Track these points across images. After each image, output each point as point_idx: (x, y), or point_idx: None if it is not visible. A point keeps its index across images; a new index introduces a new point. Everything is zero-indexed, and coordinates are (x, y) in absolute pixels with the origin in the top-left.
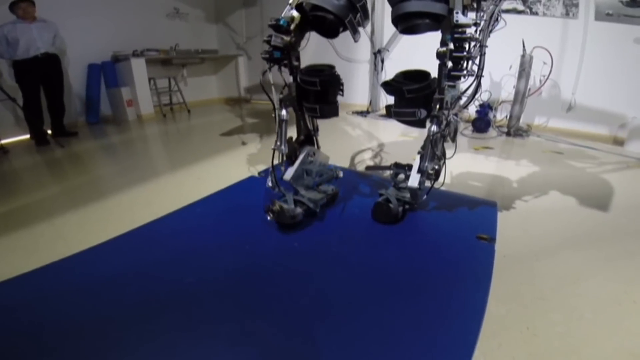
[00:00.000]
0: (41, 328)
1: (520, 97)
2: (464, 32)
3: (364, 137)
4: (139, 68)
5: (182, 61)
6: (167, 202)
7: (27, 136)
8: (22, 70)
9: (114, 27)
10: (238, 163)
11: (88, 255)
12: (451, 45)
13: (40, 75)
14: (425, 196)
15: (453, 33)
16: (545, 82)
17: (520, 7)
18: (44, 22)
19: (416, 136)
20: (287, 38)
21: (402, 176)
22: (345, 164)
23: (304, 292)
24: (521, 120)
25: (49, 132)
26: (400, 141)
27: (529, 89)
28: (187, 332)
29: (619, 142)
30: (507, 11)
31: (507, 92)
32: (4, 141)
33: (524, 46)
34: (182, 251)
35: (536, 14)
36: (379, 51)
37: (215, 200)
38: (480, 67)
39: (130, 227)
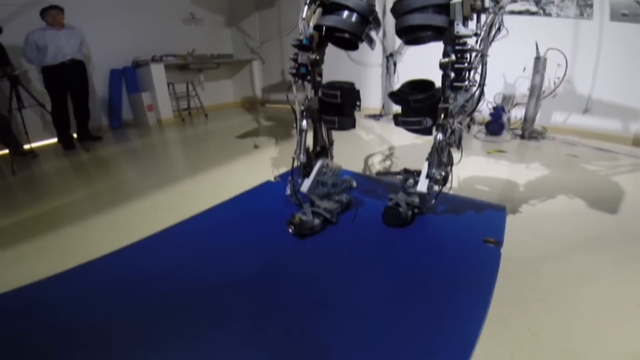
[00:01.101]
0: (77, 324)
1: (534, 99)
2: (465, 44)
3: (377, 140)
4: (158, 73)
5: (199, 66)
6: (189, 205)
7: (55, 140)
8: (51, 76)
9: (133, 33)
10: (254, 167)
11: (117, 257)
12: (453, 57)
13: (67, 81)
14: (433, 200)
15: (454, 45)
16: (560, 83)
17: (534, 8)
18: (71, 29)
19: (428, 139)
20: (312, 55)
21: (411, 181)
22: (358, 167)
23: (316, 291)
24: (536, 123)
25: (75, 136)
26: (412, 145)
27: (544, 91)
28: (211, 329)
29: (638, 143)
30: (520, 12)
31: (522, 94)
32: (33, 145)
33: (537, 48)
34: (205, 253)
35: (549, 15)
36: (391, 54)
37: (234, 204)
38: (483, 77)
39: (155, 230)
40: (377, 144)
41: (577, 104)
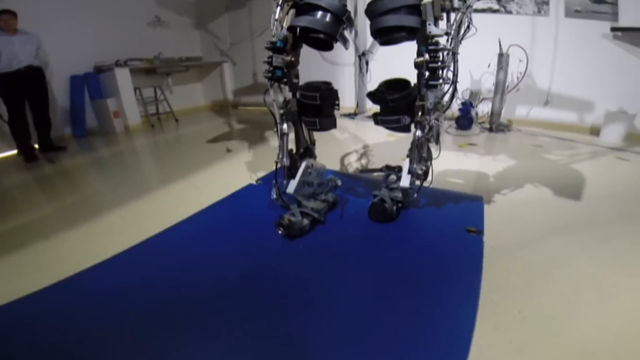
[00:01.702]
0: (59, 342)
1: (499, 94)
2: (437, 44)
3: (353, 139)
4: (123, 78)
5: (166, 70)
6: (169, 213)
7: (15, 152)
8: (6, 84)
9: (94, 37)
10: (232, 171)
11: (98, 270)
12: (427, 56)
13: (25, 89)
14: (415, 195)
15: (427, 44)
16: (522, 78)
17: (495, 6)
18: (26, 35)
19: (401, 136)
20: (287, 58)
21: (393, 177)
22: (336, 165)
23: (311, 290)
24: (502, 116)
25: (37, 147)
26: (387, 141)
27: (508, 86)
28: (204, 335)
29: (595, 132)
30: (483, 10)
31: (487, 89)
32: None
33: (500, 45)
34: (191, 260)
35: (510, 12)
36: (363, 54)
37: (218, 208)
38: (455, 74)
39: (135, 241)
40: (354, 142)
41: (539, 97)
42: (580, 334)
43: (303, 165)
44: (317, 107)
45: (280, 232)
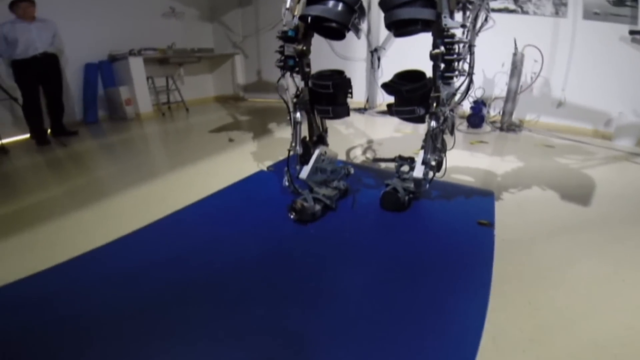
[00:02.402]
0: (80, 317)
1: (512, 94)
2: (453, 36)
3: (362, 133)
4: (137, 67)
5: (179, 60)
6: (181, 196)
7: (27, 136)
8: (21, 70)
9: (109, 27)
10: (244, 159)
11: (111, 249)
12: (442, 48)
13: (39, 75)
14: (427, 186)
15: (443, 37)
16: (536, 79)
17: (512, 6)
18: (43, 22)
19: (408, 132)
20: (298, 47)
21: (405, 167)
22: (344, 157)
23: (321, 273)
24: (513, 116)
25: (49, 131)
26: (395, 137)
27: (521, 86)
28: (221, 315)
29: (608, 136)
30: (499, 10)
31: (500, 89)
32: (4, 141)
33: (515, 45)
34: (206, 240)
35: (527, 13)
36: (376, 50)
37: (231, 192)
38: (471, 66)
39: (148, 221)
40: (363, 137)
41: (552, 99)
42: (591, 327)
43: (316, 152)
44: (330, 95)
45: (292, 216)
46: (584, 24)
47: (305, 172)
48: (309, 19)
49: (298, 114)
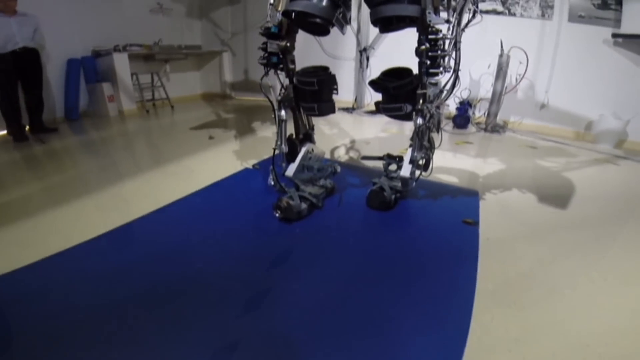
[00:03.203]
0: (55, 316)
1: (497, 96)
2: (438, 32)
3: (349, 132)
4: (121, 63)
5: (165, 57)
6: (164, 193)
7: (4, 132)
8: None
9: (94, 22)
10: (228, 156)
11: (92, 246)
12: (427, 45)
13: (18, 70)
14: (414, 184)
15: (427, 33)
16: (520, 80)
17: (500, 8)
18: (25, 16)
19: (394, 132)
20: (282, 43)
21: (393, 166)
22: (332, 156)
23: (305, 272)
24: (498, 117)
25: (27, 128)
26: (382, 137)
27: (506, 87)
28: (201, 312)
29: (589, 137)
30: (487, 12)
31: (486, 90)
32: None
33: (502, 46)
34: (188, 239)
35: (514, 15)
36: (365, 49)
37: (214, 190)
38: (457, 62)
39: (129, 219)
40: (349, 136)
41: (536, 101)
42: (575, 326)
43: (303, 149)
44: (315, 92)
45: (277, 215)
46: (569, 26)
47: (291, 170)
48: (293, 14)
49: (283, 112)
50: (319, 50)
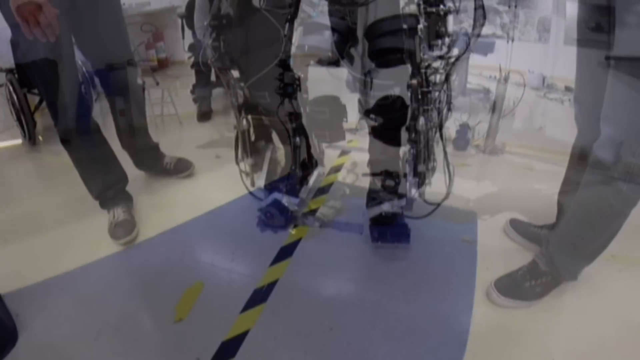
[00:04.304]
0: None
1: (496, 118)
2: (429, 67)
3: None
4: (133, 77)
5: (176, 72)
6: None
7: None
8: None
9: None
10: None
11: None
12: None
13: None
14: (413, 203)
15: (419, 68)
16: (518, 103)
17: (499, 32)
18: None
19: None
20: (297, 74)
21: (391, 183)
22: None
23: (301, 284)
24: (497, 140)
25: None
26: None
27: (504, 110)
28: None
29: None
30: (486, 36)
31: (484, 112)
32: None
33: (500, 70)
34: None
35: (512, 39)
36: (369, 72)
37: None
38: (449, 96)
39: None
40: (352, 154)
41: (533, 122)
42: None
43: (315, 173)
44: (326, 120)
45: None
46: (564, 49)
47: (305, 192)
48: (306, 47)
49: (297, 139)
50: (325, 73)
